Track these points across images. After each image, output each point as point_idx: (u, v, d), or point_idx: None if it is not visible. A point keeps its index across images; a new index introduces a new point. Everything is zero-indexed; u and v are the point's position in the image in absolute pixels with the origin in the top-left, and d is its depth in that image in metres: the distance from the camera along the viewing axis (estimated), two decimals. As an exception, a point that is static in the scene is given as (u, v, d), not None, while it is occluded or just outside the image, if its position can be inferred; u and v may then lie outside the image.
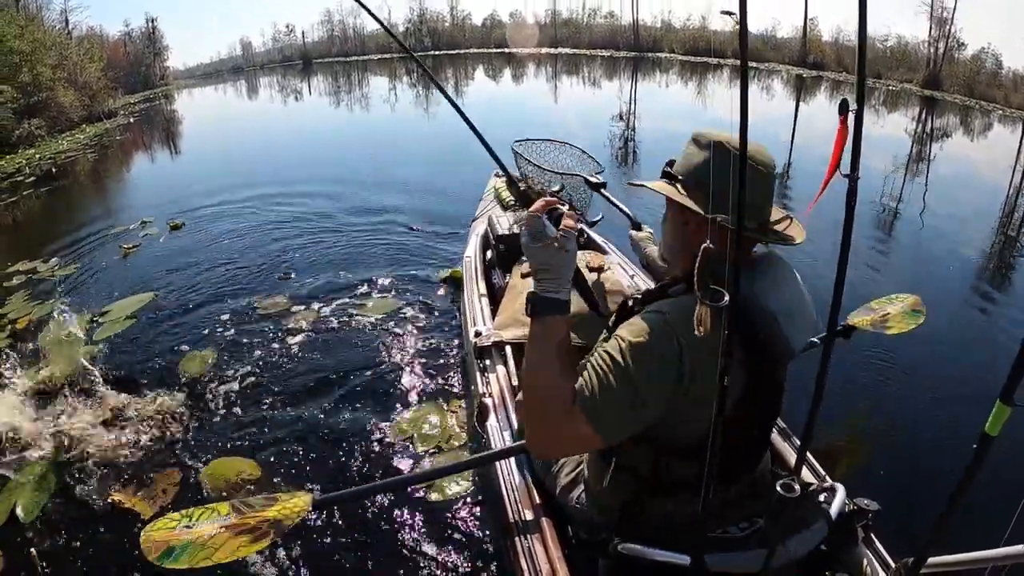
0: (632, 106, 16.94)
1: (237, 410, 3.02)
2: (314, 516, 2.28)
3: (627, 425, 1.11)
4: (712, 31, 37.65)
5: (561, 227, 1.16)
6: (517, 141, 3.02)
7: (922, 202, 7.36)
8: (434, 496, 2.42)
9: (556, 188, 2.85)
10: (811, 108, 18.70)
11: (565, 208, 1.20)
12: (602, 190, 2.63)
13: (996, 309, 4.46)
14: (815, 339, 2.05)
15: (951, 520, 1.06)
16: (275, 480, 2.57)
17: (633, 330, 1.10)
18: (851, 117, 1.09)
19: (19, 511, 2.46)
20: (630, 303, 1.24)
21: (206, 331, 3.81)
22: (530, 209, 1.19)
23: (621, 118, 14.15)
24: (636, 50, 39.20)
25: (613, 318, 1.27)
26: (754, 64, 32.18)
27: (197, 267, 4.94)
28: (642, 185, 1.24)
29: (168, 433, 2.89)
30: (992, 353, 3.54)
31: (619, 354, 1.08)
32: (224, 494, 2.49)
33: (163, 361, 3.48)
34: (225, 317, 3.97)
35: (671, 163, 1.22)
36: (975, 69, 25.49)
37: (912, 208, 7.05)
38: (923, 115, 18.32)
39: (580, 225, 1.31)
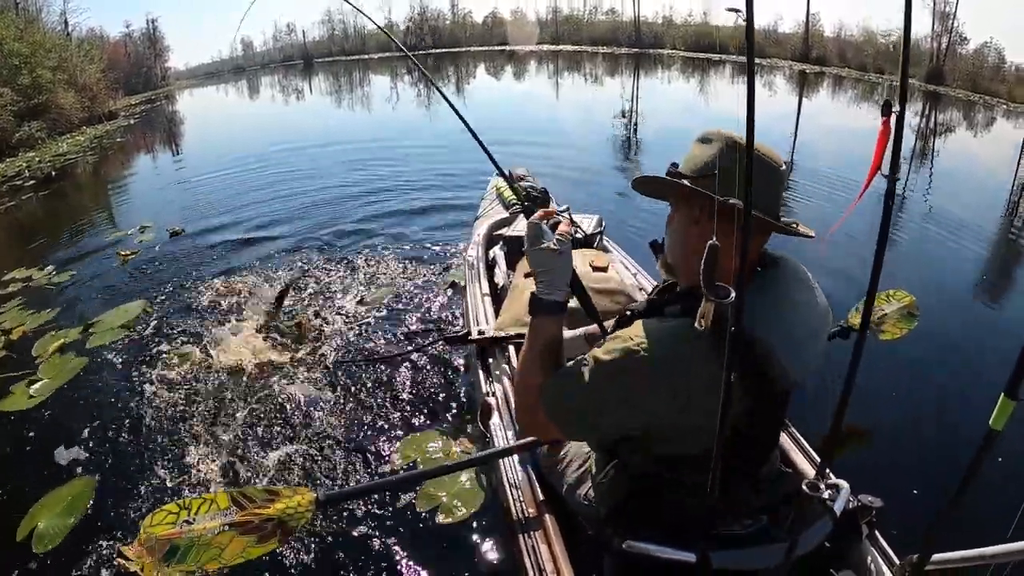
0: (635, 104, 16.90)
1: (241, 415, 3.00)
2: (318, 513, 2.27)
3: (583, 433, 1.26)
4: (715, 27, 37.66)
5: (557, 233, 1.27)
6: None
7: (927, 195, 7.35)
8: (438, 494, 2.39)
9: (563, 208, 3.12)
10: (815, 104, 18.67)
11: (563, 218, 1.33)
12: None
13: (1003, 302, 4.44)
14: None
15: (955, 516, 1.05)
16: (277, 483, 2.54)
17: (606, 349, 1.12)
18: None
19: (34, 538, 2.32)
20: (628, 313, 1.28)
21: (201, 338, 3.74)
22: (531, 218, 1.29)
23: (624, 115, 14.11)
24: (638, 46, 39.15)
25: (613, 324, 1.33)
26: (757, 60, 32.04)
27: (195, 275, 4.83)
28: (655, 177, 1.19)
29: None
30: (999, 347, 3.49)
31: (588, 369, 1.13)
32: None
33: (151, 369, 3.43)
34: (226, 323, 3.90)
35: (675, 165, 1.20)
36: (978, 64, 25.41)
37: (917, 200, 7.03)
38: (926, 110, 18.25)
39: (575, 232, 1.38)
